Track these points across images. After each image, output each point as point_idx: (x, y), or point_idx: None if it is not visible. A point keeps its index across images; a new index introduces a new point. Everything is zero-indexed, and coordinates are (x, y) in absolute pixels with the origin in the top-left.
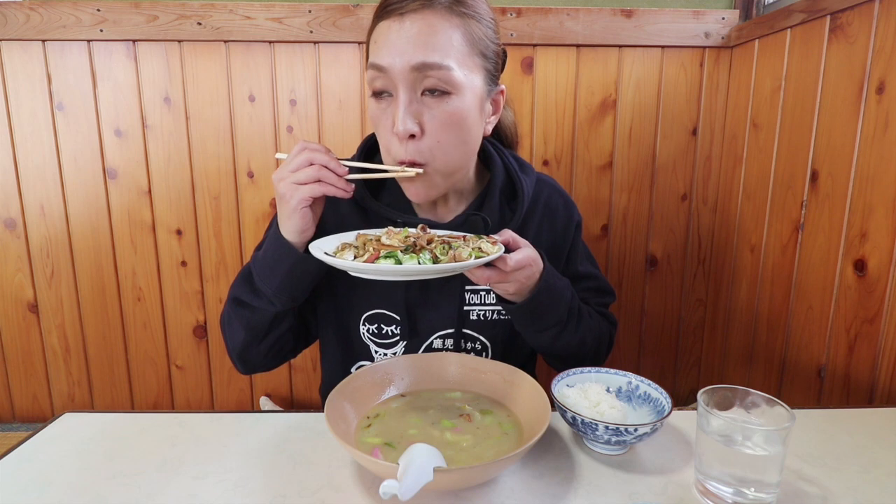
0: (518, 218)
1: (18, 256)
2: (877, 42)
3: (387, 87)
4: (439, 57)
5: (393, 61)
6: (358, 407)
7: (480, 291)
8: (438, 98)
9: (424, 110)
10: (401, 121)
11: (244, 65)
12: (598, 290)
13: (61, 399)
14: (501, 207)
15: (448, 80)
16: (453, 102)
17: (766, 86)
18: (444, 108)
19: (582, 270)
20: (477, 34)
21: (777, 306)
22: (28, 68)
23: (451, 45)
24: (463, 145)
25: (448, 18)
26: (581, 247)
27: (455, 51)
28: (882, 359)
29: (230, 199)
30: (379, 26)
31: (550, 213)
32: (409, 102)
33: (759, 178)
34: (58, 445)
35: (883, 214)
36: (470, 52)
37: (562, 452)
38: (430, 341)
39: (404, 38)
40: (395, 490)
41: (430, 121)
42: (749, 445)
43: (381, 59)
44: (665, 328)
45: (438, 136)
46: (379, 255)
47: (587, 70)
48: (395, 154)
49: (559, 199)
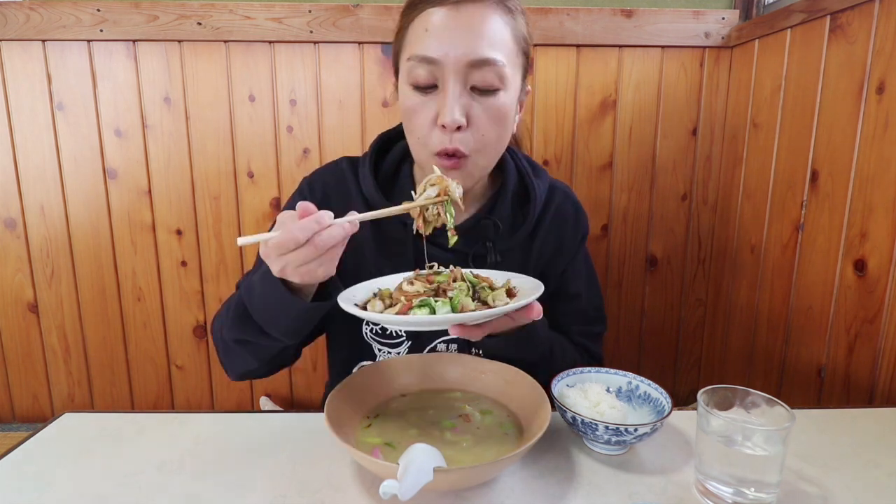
0: (530, 223)
1: (18, 256)
2: (877, 42)
3: (433, 79)
4: (495, 52)
5: (448, 53)
6: (358, 407)
7: None
8: (487, 93)
9: (473, 103)
10: (450, 112)
11: (244, 65)
12: (583, 315)
13: (61, 399)
14: (513, 211)
15: (500, 75)
16: (500, 98)
17: (766, 86)
18: (492, 102)
19: (572, 290)
20: (522, 32)
21: (777, 306)
22: (28, 68)
23: (503, 40)
24: (502, 140)
25: (500, 14)
26: (581, 263)
27: (506, 47)
28: (882, 359)
29: (230, 199)
30: (428, 13)
31: (560, 220)
32: (459, 94)
33: (759, 178)
34: (58, 445)
35: (883, 214)
36: (516, 50)
37: (562, 452)
38: (434, 345)
39: (462, 30)
40: (395, 490)
41: (479, 114)
42: (749, 445)
43: (431, 51)
44: (665, 328)
45: (483, 129)
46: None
47: (587, 70)
48: (436, 144)
49: (570, 208)
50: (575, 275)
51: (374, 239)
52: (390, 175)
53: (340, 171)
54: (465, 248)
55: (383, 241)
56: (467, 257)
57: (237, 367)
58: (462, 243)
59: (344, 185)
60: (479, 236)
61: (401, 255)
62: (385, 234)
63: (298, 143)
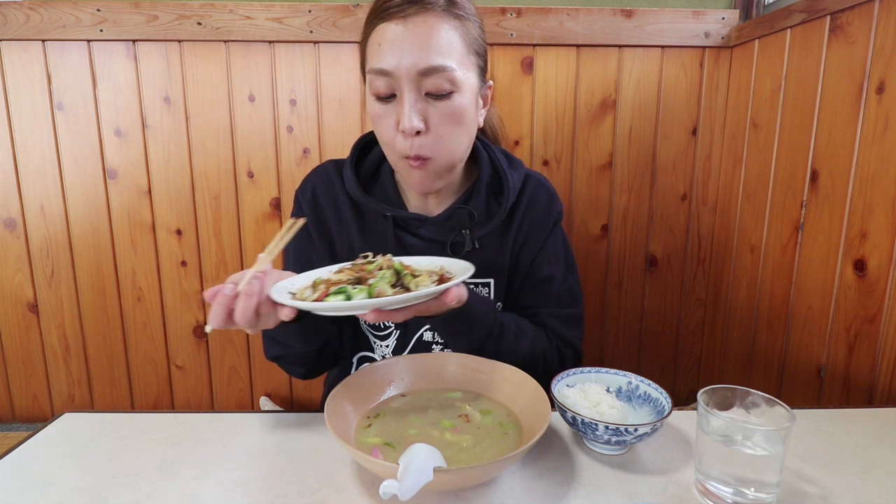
0: (503, 211)
1: (18, 256)
2: (877, 42)
3: (391, 89)
4: (443, 59)
5: (399, 64)
6: (358, 407)
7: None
8: (441, 97)
9: (429, 108)
10: (407, 118)
11: (244, 65)
12: (555, 298)
13: (61, 399)
14: (488, 201)
15: (451, 79)
16: (455, 100)
17: (766, 86)
18: (447, 105)
19: (545, 273)
20: (472, 34)
21: (777, 306)
22: (28, 68)
23: (451, 46)
24: (462, 138)
25: (447, 20)
26: (554, 245)
27: (455, 51)
28: (882, 359)
29: (230, 199)
30: (380, 28)
31: (533, 205)
32: (414, 101)
33: (759, 178)
34: (58, 445)
35: (883, 214)
36: (467, 52)
37: (562, 452)
38: (421, 333)
39: (409, 42)
40: (395, 490)
41: (435, 118)
42: (749, 445)
43: (385, 64)
44: (665, 328)
45: (442, 131)
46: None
47: (587, 70)
48: (401, 149)
49: (544, 195)
50: (546, 257)
51: (361, 231)
52: (371, 174)
53: (326, 173)
54: (443, 236)
55: (368, 231)
56: (445, 245)
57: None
58: (440, 232)
59: (330, 187)
60: (455, 225)
61: (383, 245)
62: (369, 225)
63: (298, 143)
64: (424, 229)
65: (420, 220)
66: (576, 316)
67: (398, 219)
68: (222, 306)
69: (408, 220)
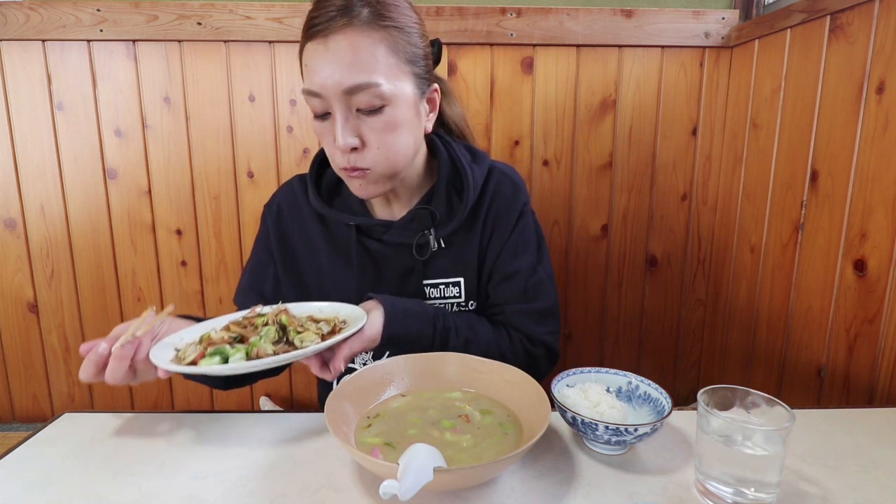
0: (465, 207)
1: (18, 256)
2: (877, 42)
3: (325, 108)
4: (366, 76)
5: (324, 84)
6: (358, 407)
7: (440, 285)
8: (373, 112)
9: (361, 124)
10: (340, 137)
11: (244, 65)
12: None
13: (61, 399)
14: (449, 199)
15: (379, 94)
16: (387, 113)
17: (766, 86)
18: (379, 119)
19: (511, 268)
20: (400, 44)
21: (777, 306)
22: (28, 68)
23: (375, 60)
24: (404, 148)
25: (369, 34)
26: (521, 237)
27: (381, 65)
28: (882, 359)
29: (230, 199)
30: (307, 48)
31: (497, 198)
32: (345, 120)
33: (759, 178)
34: (58, 445)
35: (883, 214)
36: (397, 63)
37: (562, 452)
38: None
39: (330, 62)
40: (394, 490)
41: (369, 133)
42: (749, 445)
43: (313, 85)
44: (665, 328)
45: (377, 144)
46: (204, 355)
47: (587, 70)
48: (339, 163)
49: (508, 185)
50: (512, 250)
51: (326, 241)
52: (334, 185)
53: (292, 189)
54: (408, 239)
55: (333, 242)
56: (411, 248)
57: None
58: (404, 235)
59: (295, 202)
60: (419, 227)
61: (348, 255)
62: (333, 235)
63: (298, 143)
64: (389, 234)
65: (384, 225)
66: (546, 310)
67: (363, 226)
68: (93, 363)
69: (372, 228)
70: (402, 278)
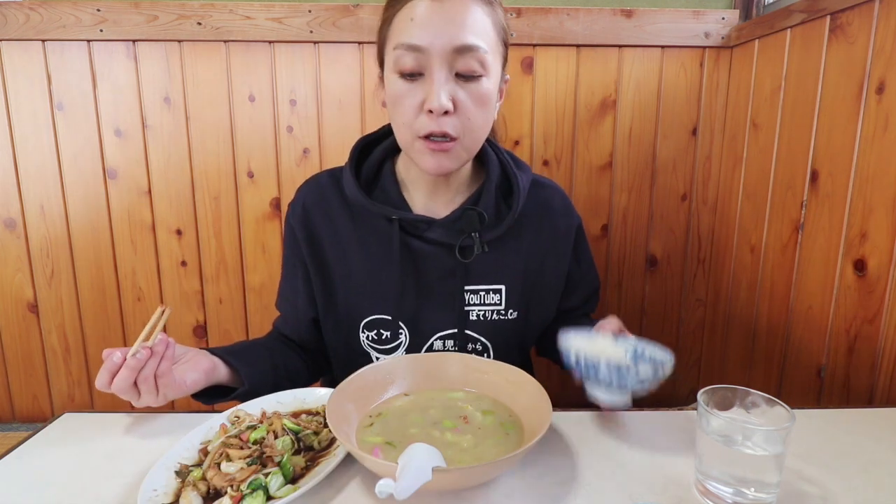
0: (514, 213)
1: (18, 256)
2: (877, 42)
3: (419, 67)
4: (479, 40)
5: (433, 41)
6: (361, 405)
7: (480, 291)
8: (470, 79)
9: (458, 89)
10: (437, 97)
11: (244, 65)
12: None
13: (61, 399)
14: (497, 202)
15: (482, 61)
16: (483, 84)
17: (766, 86)
18: (475, 88)
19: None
20: (501, 22)
21: (777, 306)
22: (28, 68)
23: (485, 29)
24: (486, 124)
25: (481, 5)
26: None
27: (487, 35)
28: (882, 359)
29: (230, 199)
30: (412, 4)
31: (550, 213)
32: (445, 80)
33: (759, 178)
34: (58, 445)
35: (883, 214)
36: (496, 39)
37: (562, 452)
38: (431, 342)
39: (445, 19)
40: (391, 489)
41: (464, 99)
42: (749, 445)
43: (419, 39)
44: (665, 328)
45: (469, 113)
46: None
47: (587, 70)
48: (422, 128)
49: (559, 200)
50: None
51: (359, 241)
52: (372, 177)
53: (319, 186)
54: (451, 239)
55: (368, 238)
56: (453, 248)
57: None
58: (448, 235)
59: (323, 198)
60: (465, 227)
61: (386, 251)
62: (369, 231)
63: (298, 143)
64: (432, 232)
65: (427, 222)
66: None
67: (403, 222)
68: (107, 371)
69: (413, 223)
70: (443, 280)
